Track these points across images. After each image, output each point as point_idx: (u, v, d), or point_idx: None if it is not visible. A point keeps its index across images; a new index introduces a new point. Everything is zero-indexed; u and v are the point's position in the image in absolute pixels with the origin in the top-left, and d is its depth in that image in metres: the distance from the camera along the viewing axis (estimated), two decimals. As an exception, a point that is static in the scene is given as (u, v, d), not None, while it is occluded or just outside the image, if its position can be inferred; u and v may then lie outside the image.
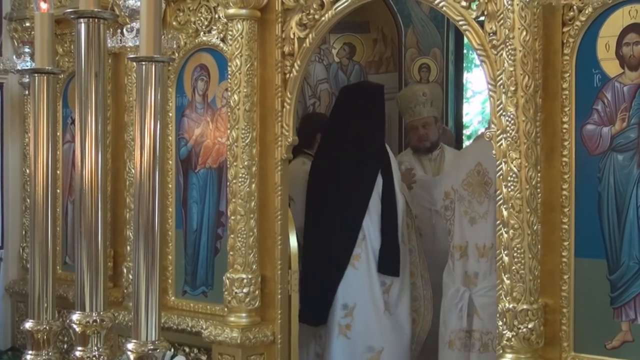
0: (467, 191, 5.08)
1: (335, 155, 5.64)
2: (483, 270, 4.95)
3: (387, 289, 5.50)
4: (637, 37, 3.52)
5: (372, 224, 5.47)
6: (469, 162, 5.15)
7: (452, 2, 3.98)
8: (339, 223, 5.50)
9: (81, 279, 2.29)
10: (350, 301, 5.42)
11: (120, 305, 5.26)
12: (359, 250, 5.44)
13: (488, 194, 4.90)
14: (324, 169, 5.66)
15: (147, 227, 2.22)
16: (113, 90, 5.53)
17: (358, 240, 5.43)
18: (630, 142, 3.53)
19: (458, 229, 5.15)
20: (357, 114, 5.64)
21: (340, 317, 5.42)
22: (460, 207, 5.13)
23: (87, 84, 2.26)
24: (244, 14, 4.54)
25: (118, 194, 5.45)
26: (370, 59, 7.22)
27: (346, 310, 5.41)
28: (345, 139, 5.64)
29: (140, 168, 2.23)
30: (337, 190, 5.55)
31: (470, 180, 5.08)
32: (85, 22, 2.26)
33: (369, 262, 5.44)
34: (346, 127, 5.65)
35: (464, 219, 5.10)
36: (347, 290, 5.43)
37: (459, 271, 5.11)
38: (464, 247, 5.09)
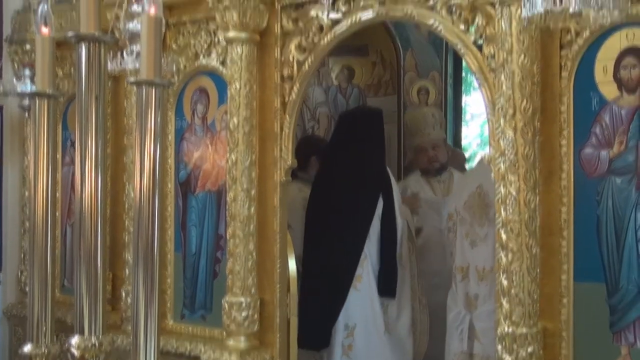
0: (468, 213, 5.09)
1: (335, 180, 5.68)
2: (483, 294, 4.95)
3: (385, 310, 5.55)
4: (635, 61, 3.53)
5: (372, 245, 5.52)
6: (470, 185, 5.16)
7: (451, 25, 4.00)
8: (340, 246, 5.54)
9: (80, 302, 2.28)
10: (351, 321, 5.49)
11: (119, 329, 5.24)
12: (360, 271, 5.50)
13: (488, 217, 4.91)
14: (324, 194, 5.71)
15: (146, 250, 2.22)
16: (113, 113, 5.53)
17: (360, 261, 5.49)
18: (628, 165, 3.54)
19: (459, 251, 5.16)
20: (356, 138, 5.70)
21: (343, 337, 5.48)
22: (462, 229, 5.14)
23: (88, 107, 2.27)
24: (244, 37, 4.56)
25: (117, 217, 5.44)
26: (369, 82, 7.25)
27: (348, 330, 5.47)
28: (344, 163, 5.69)
29: (140, 191, 2.23)
30: (337, 214, 5.59)
31: (471, 203, 5.09)
32: (86, 46, 2.27)
33: (370, 283, 5.49)
34: (345, 151, 5.70)
35: (465, 241, 5.11)
36: (349, 310, 5.49)
37: (460, 293, 5.11)
38: (465, 268, 5.09)
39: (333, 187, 5.69)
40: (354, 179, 5.63)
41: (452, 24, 4.00)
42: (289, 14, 4.61)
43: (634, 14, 3.44)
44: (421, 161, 6.48)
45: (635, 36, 3.53)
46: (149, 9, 2.23)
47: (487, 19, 3.88)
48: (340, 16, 4.40)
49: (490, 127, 3.83)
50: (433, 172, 6.41)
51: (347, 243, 5.55)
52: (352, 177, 5.63)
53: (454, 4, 3.99)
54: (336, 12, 4.41)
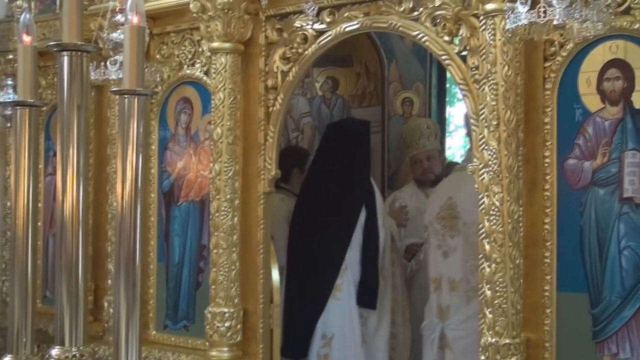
0: (440, 225, 5.14)
1: (320, 190, 5.68)
2: (455, 304, 5.00)
3: (364, 321, 5.55)
4: (618, 73, 3.54)
5: (354, 256, 5.53)
6: (442, 196, 5.21)
7: (435, 36, 4.01)
8: (322, 255, 5.55)
9: (61, 313, 2.27)
10: (329, 331, 5.49)
11: (101, 340, 5.21)
12: (340, 281, 5.50)
13: (458, 228, 4.96)
14: (309, 204, 5.71)
15: (128, 260, 2.21)
16: (96, 122, 5.52)
17: (340, 271, 5.50)
18: (611, 176, 3.55)
19: (433, 262, 5.21)
20: (342, 149, 5.70)
21: (320, 347, 5.49)
22: (435, 240, 5.19)
23: (69, 117, 2.26)
24: (228, 47, 4.56)
25: (100, 227, 5.41)
26: (354, 93, 7.25)
27: (325, 340, 5.48)
28: (330, 174, 5.71)
29: (122, 201, 2.22)
30: (320, 223, 5.61)
31: (442, 214, 5.14)
32: (68, 55, 2.26)
33: (349, 293, 5.50)
34: (332, 163, 5.70)
35: (437, 252, 5.15)
36: (327, 320, 5.50)
37: (434, 304, 5.16)
38: (438, 279, 5.14)
39: (318, 197, 5.71)
40: (338, 189, 5.65)
41: (437, 35, 4.01)
42: (273, 25, 4.61)
43: (617, 27, 3.46)
44: (416, 172, 6.46)
45: (619, 48, 3.54)
46: (132, 19, 2.23)
47: (472, 30, 3.89)
48: (324, 27, 4.40)
49: (474, 138, 3.83)
50: (428, 183, 6.39)
51: (328, 253, 5.56)
52: (337, 187, 5.65)
53: (438, 16, 4.00)
54: (321, 22, 4.41)
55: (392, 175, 7.16)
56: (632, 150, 3.50)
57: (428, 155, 6.41)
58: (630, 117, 3.51)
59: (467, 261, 4.90)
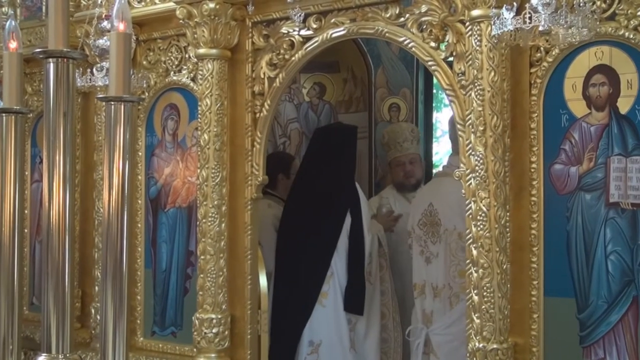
0: (422, 231, 5.14)
1: (308, 196, 5.67)
2: (437, 309, 5.01)
3: (352, 327, 5.53)
4: (603, 78, 3.56)
5: (340, 261, 5.51)
6: (423, 203, 5.22)
7: (421, 42, 4.02)
8: (308, 261, 5.53)
9: (47, 320, 2.26)
10: (316, 338, 5.47)
11: (88, 347, 5.20)
12: (326, 287, 5.49)
13: (439, 235, 4.97)
14: (296, 210, 5.70)
15: (115, 267, 2.21)
16: (82, 129, 5.51)
17: (326, 277, 5.48)
18: (597, 181, 3.56)
19: (416, 268, 5.21)
20: (329, 154, 5.69)
21: (307, 353, 5.46)
22: (417, 246, 5.19)
23: (56, 124, 2.25)
24: (215, 53, 4.56)
25: (87, 234, 5.40)
26: (340, 99, 7.25)
27: (312, 347, 5.45)
28: (317, 179, 5.70)
29: (109, 207, 2.22)
30: (307, 230, 5.59)
31: (424, 221, 5.15)
32: (54, 62, 2.25)
33: (336, 299, 5.48)
34: (319, 167, 5.69)
35: (420, 258, 5.16)
36: (314, 327, 5.48)
37: (418, 309, 5.17)
38: (421, 285, 5.14)
39: (305, 203, 5.70)
40: (323, 194, 5.64)
41: (423, 41, 4.02)
42: (260, 31, 4.61)
43: (603, 32, 3.47)
44: (397, 175, 6.39)
45: (604, 54, 3.56)
46: (118, 26, 2.22)
47: (458, 36, 3.90)
48: (311, 33, 4.41)
49: (460, 143, 3.84)
50: (409, 188, 6.36)
51: (314, 259, 5.55)
52: (322, 193, 5.65)
53: (424, 22, 4.01)
54: (307, 28, 4.41)
55: (379, 181, 7.16)
56: (617, 155, 3.52)
57: (411, 159, 6.39)
58: (616, 122, 3.53)
59: (449, 267, 4.91)
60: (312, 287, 5.51)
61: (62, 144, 2.25)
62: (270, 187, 5.93)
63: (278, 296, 5.52)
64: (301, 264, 5.56)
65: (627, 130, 3.50)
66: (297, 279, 5.54)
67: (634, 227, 3.48)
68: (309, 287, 5.52)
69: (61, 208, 2.25)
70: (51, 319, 2.25)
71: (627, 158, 3.50)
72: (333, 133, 6.08)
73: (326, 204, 5.61)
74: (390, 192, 6.47)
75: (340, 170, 5.72)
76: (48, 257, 2.27)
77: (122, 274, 2.21)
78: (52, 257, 2.26)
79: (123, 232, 2.21)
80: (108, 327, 2.20)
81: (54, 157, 2.25)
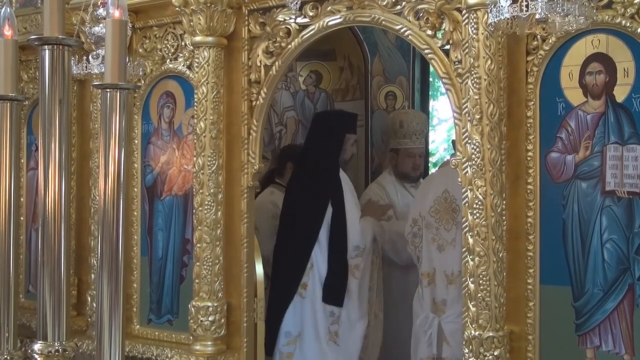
0: (434, 218, 5.10)
1: (304, 184, 5.64)
2: (451, 297, 4.97)
3: (336, 319, 5.47)
4: (600, 67, 3.56)
5: (321, 253, 5.46)
6: (436, 189, 5.17)
7: (418, 30, 4.01)
8: (290, 252, 5.53)
9: (43, 308, 2.26)
10: (294, 329, 5.44)
11: (84, 334, 5.20)
12: (306, 279, 5.45)
13: (456, 221, 4.93)
14: (292, 200, 5.67)
15: (111, 254, 2.21)
16: (78, 117, 5.50)
17: (306, 269, 5.44)
18: (593, 170, 3.56)
19: (426, 256, 5.17)
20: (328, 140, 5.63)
21: (283, 344, 5.42)
22: (428, 234, 5.15)
23: (51, 111, 2.24)
24: (211, 41, 4.55)
25: (83, 221, 5.40)
26: (337, 87, 7.26)
27: (289, 338, 5.41)
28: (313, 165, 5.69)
29: (104, 195, 2.22)
30: (295, 219, 5.60)
31: (437, 207, 5.11)
32: (49, 49, 2.25)
33: (315, 291, 5.44)
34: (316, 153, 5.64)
35: (431, 246, 5.12)
36: (293, 318, 5.44)
37: (427, 298, 5.13)
38: (431, 274, 5.11)
39: (299, 193, 5.68)
40: (309, 183, 5.62)
41: (419, 29, 4.01)
42: (256, 19, 4.60)
43: (599, 20, 3.47)
44: (405, 166, 6.32)
45: (601, 42, 3.55)
46: (114, 13, 2.22)
47: (454, 24, 3.89)
48: (307, 21, 4.40)
49: (457, 132, 3.84)
50: (412, 179, 6.32)
51: (295, 249, 5.53)
52: (309, 182, 5.62)
53: (421, 9, 4.00)
54: (303, 16, 4.41)
55: (375, 169, 7.16)
56: (614, 143, 3.52)
57: (420, 152, 6.38)
58: (612, 110, 3.53)
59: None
60: (292, 278, 5.48)
61: (58, 132, 2.25)
62: (279, 176, 5.98)
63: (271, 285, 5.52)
64: (285, 254, 5.55)
65: (624, 118, 3.50)
66: (279, 268, 5.54)
67: (629, 215, 3.49)
68: (289, 277, 5.49)
69: (57, 196, 2.25)
70: (47, 307, 2.25)
71: (623, 146, 3.50)
72: (333, 120, 6.02)
73: (311, 194, 5.59)
74: (389, 179, 6.39)
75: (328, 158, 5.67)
76: (44, 245, 2.27)
77: (118, 261, 2.21)
78: (48, 245, 2.26)
79: (119, 220, 2.21)
80: (104, 315, 2.21)
81: (49, 145, 2.25)
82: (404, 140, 6.34)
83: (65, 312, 2.27)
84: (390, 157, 6.50)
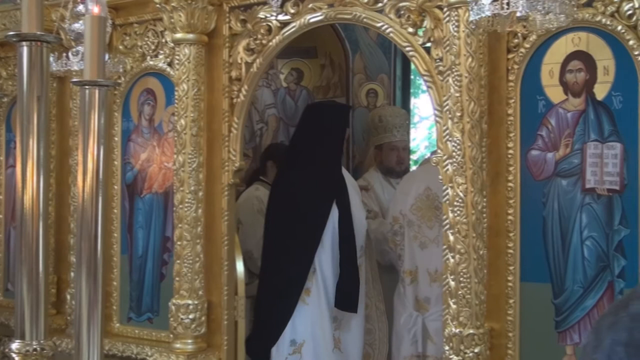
0: (416, 216, 5.10)
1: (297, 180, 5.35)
2: (435, 295, 4.96)
3: (338, 325, 5.27)
4: (580, 64, 3.57)
5: (325, 257, 5.19)
6: (417, 187, 5.17)
7: (399, 28, 4.01)
8: (291, 256, 5.22)
9: (21, 306, 2.24)
10: (299, 337, 5.17)
11: (64, 333, 5.17)
12: (309, 285, 5.17)
13: (438, 219, 4.92)
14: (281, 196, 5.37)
15: (89, 252, 2.19)
16: (58, 114, 5.46)
17: (309, 274, 5.16)
18: (573, 167, 3.58)
19: (408, 254, 5.16)
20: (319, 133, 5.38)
21: (288, 353, 5.18)
22: (410, 232, 5.14)
23: (29, 108, 2.23)
24: (191, 38, 4.53)
25: (62, 219, 5.37)
26: (318, 84, 7.24)
27: (294, 346, 5.17)
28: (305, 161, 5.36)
29: (83, 193, 2.20)
30: (292, 218, 5.26)
31: (419, 205, 5.10)
32: (27, 46, 2.23)
33: (319, 297, 5.17)
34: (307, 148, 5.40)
35: (414, 243, 5.11)
36: (297, 325, 5.18)
37: (410, 296, 5.12)
38: (414, 272, 5.10)
39: (289, 189, 5.36)
40: (312, 180, 5.27)
41: (401, 26, 4.01)
42: (237, 16, 4.59)
43: (580, 19, 3.48)
44: (389, 160, 6.27)
45: (581, 40, 3.57)
46: (93, 9, 2.20)
47: (436, 22, 3.89)
48: (288, 18, 4.39)
49: (438, 129, 3.84)
50: (398, 174, 6.25)
51: (297, 253, 5.21)
52: (311, 178, 5.27)
53: (402, 7, 4.00)
54: (285, 14, 4.40)
55: (356, 166, 7.16)
56: (594, 141, 3.53)
57: (404, 145, 6.37)
58: (593, 108, 3.54)
59: None
60: (295, 283, 5.18)
61: (36, 129, 2.23)
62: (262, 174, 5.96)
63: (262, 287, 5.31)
64: (284, 258, 5.23)
65: (604, 116, 3.52)
66: (278, 273, 5.23)
67: (609, 212, 3.50)
68: (291, 283, 5.20)
69: (35, 194, 2.23)
70: (25, 306, 2.24)
71: (603, 144, 3.52)
72: (325, 112, 5.66)
73: (312, 193, 5.25)
74: (375, 175, 6.34)
75: (330, 155, 5.34)
76: (22, 243, 2.25)
77: (97, 260, 2.20)
78: (26, 243, 2.24)
79: (98, 218, 2.19)
80: (83, 313, 2.19)
81: (27, 142, 2.23)
82: (385, 134, 6.32)
83: (43, 310, 2.26)
84: (374, 154, 6.48)
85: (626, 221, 3.48)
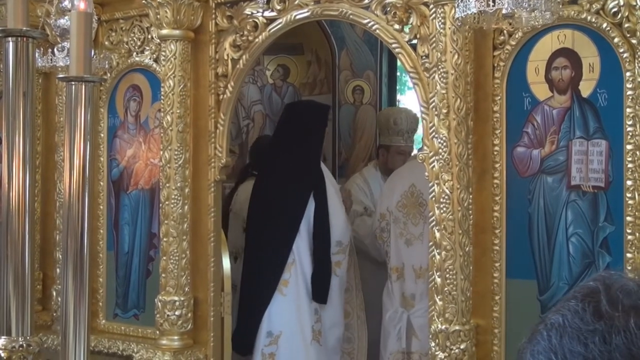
0: (401, 212, 5.11)
1: (276, 174, 5.46)
2: (420, 291, 4.97)
3: (319, 318, 5.27)
4: (566, 62, 3.58)
5: (304, 248, 5.24)
6: (403, 184, 5.18)
7: (386, 25, 4.02)
8: (269, 247, 5.28)
9: (7, 302, 2.23)
10: (275, 329, 5.18)
11: (50, 329, 5.16)
12: (287, 276, 5.20)
13: (423, 216, 4.94)
14: (262, 190, 5.48)
15: (75, 249, 2.19)
16: (43, 110, 5.44)
17: (287, 265, 5.20)
18: (559, 164, 3.59)
19: (394, 251, 5.17)
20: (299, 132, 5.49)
21: (264, 345, 5.18)
22: (396, 228, 5.15)
23: (15, 104, 2.22)
24: (177, 34, 4.52)
25: (48, 216, 5.35)
26: (304, 81, 7.24)
27: (271, 338, 5.18)
28: (285, 157, 5.47)
29: (69, 189, 2.20)
30: (269, 213, 5.35)
31: (404, 202, 5.11)
32: (13, 41, 2.22)
33: (298, 288, 5.20)
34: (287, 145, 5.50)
35: (399, 240, 5.12)
36: (274, 317, 5.19)
37: (396, 293, 5.13)
38: (400, 268, 5.11)
39: (273, 181, 5.45)
40: (291, 174, 5.37)
41: (387, 23, 4.02)
42: (223, 12, 4.58)
43: (565, 16, 3.49)
44: (395, 163, 6.20)
45: (567, 37, 3.58)
46: (79, 4, 2.20)
47: (422, 18, 3.90)
48: (275, 14, 4.39)
49: (424, 126, 3.85)
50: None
51: (273, 245, 5.26)
52: (290, 172, 5.37)
53: (388, 4, 4.00)
54: (271, 10, 4.39)
55: (342, 163, 7.17)
56: (579, 138, 3.55)
57: (410, 150, 6.35)
58: (578, 105, 3.55)
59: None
60: (272, 274, 5.21)
61: (22, 125, 2.22)
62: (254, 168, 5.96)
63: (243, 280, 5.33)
64: (262, 248, 5.30)
65: (589, 113, 3.53)
66: (257, 264, 5.28)
67: (594, 209, 3.52)
68: (268, 274, 5.23)
69: (21, 190, 2.23)
70: (11, 302, 2.23)
71: (589, 141, 3.53)
72: (305, 111, 5.80)
73: (290, 186, 5.36)
74: (375, 175, 6.30)
75: (309, 151, 5.46)
76: (8, 240, 2.25)
77: (83, 256, 2.20)
78: (12, 240, 2.24)
79: (84, 214, 2.19)
80: (69, 309, 2.19)
81: (13, 139, 2.22)
82: (396, 137, 6.26)
83: (29, 307, 2.25)
84: (380, 153, 6.43)
85: (611, 218, 3.49)
